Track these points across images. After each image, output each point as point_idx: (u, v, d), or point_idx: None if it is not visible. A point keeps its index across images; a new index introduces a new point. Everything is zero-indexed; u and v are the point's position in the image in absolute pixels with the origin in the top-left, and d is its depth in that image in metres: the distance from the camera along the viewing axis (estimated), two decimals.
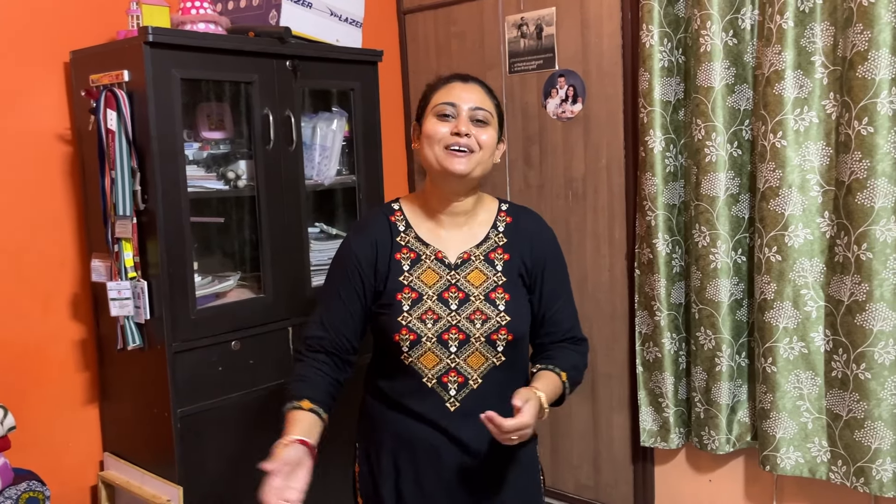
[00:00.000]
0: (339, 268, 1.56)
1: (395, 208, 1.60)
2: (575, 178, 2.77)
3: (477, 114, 1.51)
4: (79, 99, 2.17)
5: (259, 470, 2.18)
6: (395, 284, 1.51)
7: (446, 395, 1.52)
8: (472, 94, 1.52)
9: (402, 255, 1.54)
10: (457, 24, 3.00)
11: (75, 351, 2.29)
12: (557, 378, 1.53)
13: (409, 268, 1.53)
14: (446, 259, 1.54)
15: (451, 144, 1.49)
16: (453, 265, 1.54)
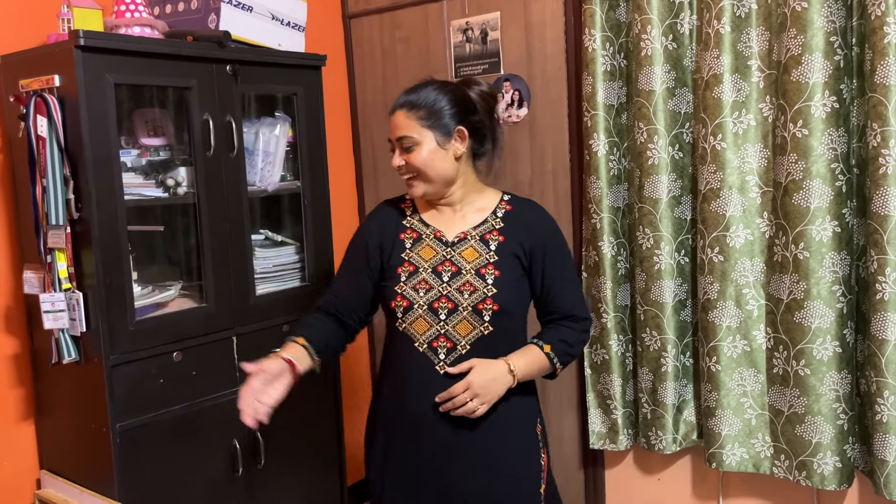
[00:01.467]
0: (352, 246, 1.83)
1: (407, 198, 1.83)
2: (522, 182, 2.78)
3: (403, 143, 1.70)
4: (8, 105, 2.09)
5: (202, 485, 2.15)
6: (397, 260, 1.72)
7: (436, 358, 1.68)
8: (396, 122, 1.71)
9: (406, 234, 1.75)
10: (402, 29, 2.99)
11: (8, 366, 2.20)
12: (539, 350, 1.71)
13: (411, 246, 1.74)
14: (444, 237, 1.74)
15: (402, 176, 1.73)
16: (450, 243, 1.73)
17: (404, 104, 1.71)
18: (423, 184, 1.70)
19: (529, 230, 1.73)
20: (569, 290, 1.76)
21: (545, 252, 1.73)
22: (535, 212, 1.79)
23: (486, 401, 1.63)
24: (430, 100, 1.69)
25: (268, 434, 2.34)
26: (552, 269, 1.73)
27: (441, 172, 1.69)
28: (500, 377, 1.64)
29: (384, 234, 1.76)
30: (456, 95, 1.72)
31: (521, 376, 1.67)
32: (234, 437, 2.27)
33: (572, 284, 1.79)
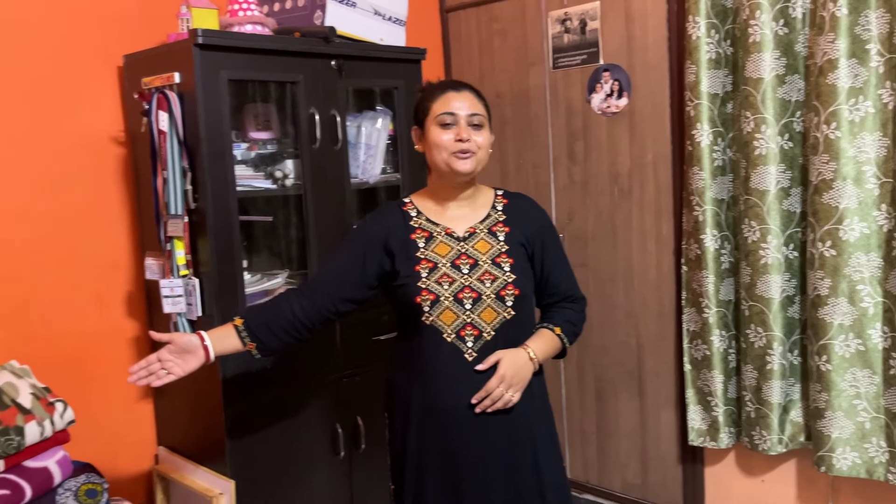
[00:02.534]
0: (352, 240, 1.83)
1: (406, 201, 1.86)
2: (620, 174, 2.74)
3: (473, 119, 1.74)
4: (131, 101, 2.22)
5: (305, 465, 2.23)
6: (413, 259, 1.75)
7: (464, 347, 1.73)
8: (467, 101, 1.75)
9: (416, 234, 1.78)
10: (499, 22, 2.99)
11: (130, 347, 2.35)
12: (551, 332, 1.81)
13: (425, 244, 1.77)
14: (455, 233, 1.78)
15: (456, 150, 1.72)
16: (461, 238, 1.78)
17: (472, 89, 1.80)
18: (476, 162, 1.74)
19: (528, 220, 1.83)
20: (565, 274, 1.88)
21: (543, 239, 1.83)
22: (529, 203, 1.89)
23: (520, 388, 1.73)
24: (485, 101, 1.82)
25: (369, 419, 2.40)
26: (550, 255, 1.84)
27: (486, 158, 1.79)
28: (525, 364, 1.74)
29: (392, 235, 1.77)
30: None
31: (541, 359, 1.78)
32: (337, 420, 2.34)
33: (567, 268, 1.90)
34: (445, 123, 1.73)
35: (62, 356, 2.20)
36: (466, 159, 1.72)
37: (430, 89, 1.80)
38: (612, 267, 2.80)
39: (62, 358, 2.20)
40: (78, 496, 1.94)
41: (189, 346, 1.73)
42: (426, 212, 1.82)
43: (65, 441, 1.97)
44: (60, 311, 2.20)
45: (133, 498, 2.32)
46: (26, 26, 2.11)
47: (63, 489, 1.93)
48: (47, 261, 2.17)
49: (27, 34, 2.11)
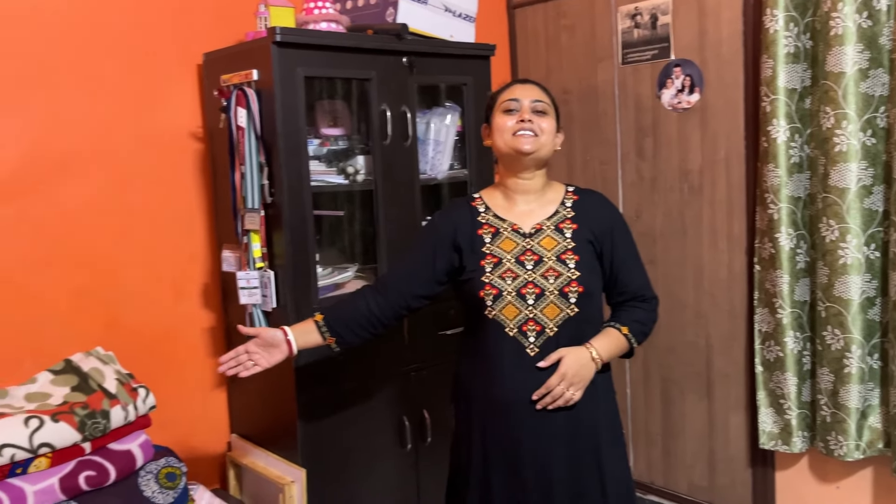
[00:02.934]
0: (422, 237, 1.90)
1: (475, 196, 1.89)
2: (691, 171, 2.69)
3: (537, 105, 1.78)
4: (210, 98, 2.29)
5: (373, 456, 2.26)
6: (479, 255, 1.79)
7: (526, 342, 1.74)
8: (531, 90, 1.80)
9: (483, 230, 1.81)
10: (567, 17, 2.97)
11: (205, 337, 2.42)
12: (617, 332, 1.79)
13: (491, 240, 1.80)
14: (521, 229, 1.80)
15: (517, 130, 1.76)
16: (527, 234, 1.79)
17: (536, 83, 1.84)
18: (538, 144, 1.76)
19: (598, 217, 1.82)
20: (636, 272, 1.85)
21: (613, 236, 1.82)
22: (601, 200, 1.88)
23: (581, 387, 1.73)
24: (551, 95, 1.84)
25: (435, 413, 2.42)
26: (620, 252, 1.82)
27: (549, 149, 1.80)
28: (587, 363, 1.73)
29: (460, 232, 1.82)
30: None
31: (604, 358, 1.76)
32: (404, 413, 2.37)
33: (638, 267, 1.87)
34: (509, 109, 1.78)
35: (142, 344, 2.28)
36: (527, 138, 1.75)
37: (499, 88, 1.86)
38: (681, 265, 2.76)
39: (142, 346, 2.28)
40: (158, 479, 2.01)
41: (273, 340, 1.81)
42: (494, 207, 1.84)
43: (146, 426, 2.05)
44: (142, 301, 2.28)
45: (207, 483, 2.39)
46: (111, 26, 2.19)
47: (145, 471, 2.01)
48: (130, 253, 2.26)
49: (112, 34, 2.20)
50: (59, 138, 2.12)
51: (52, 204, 2.12)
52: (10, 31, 2.03)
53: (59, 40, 2.11)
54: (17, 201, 2.06)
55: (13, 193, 2.06)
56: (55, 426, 1.84)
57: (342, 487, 2.26)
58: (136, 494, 1.95)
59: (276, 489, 2.18)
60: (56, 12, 2.10)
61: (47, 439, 1.82)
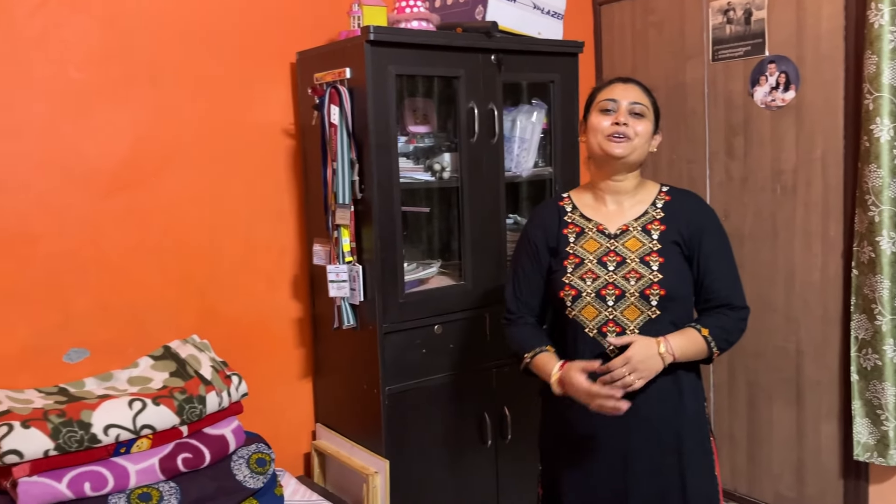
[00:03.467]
0: (521, 252, 1.90)
1: (564, 196, 1.90)
2: (784, 171, 2.61)
3: (634, 107, 1.76)
4: (303, 96, 2.35)
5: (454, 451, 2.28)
6: (563, 254, 1.80)
7: (606, 343, 1.72)
8: (631, 91, 1.78)
9: (568, 230, 1.82)
10: (655, 13, 2.92)
11: (294, 328, 2.49)
12: (697, 333, 1.72)
13: (574, 240, 1.80)
14: (606, 230, 1.79)
15: (611, 133, 1.74)
16: (613, 235, 1.78)
17: (639, 83, 1.81)
18: (631, 148, 1.74)
19: (688, 218, 1.77)
20: (726, 278, 1.78)
21: (702, 238, 1.76)
22: (694, 201, 1.83)
23: (644, 376, 1.65)
24: (653, 95, 1.81)
25: (516, 410, 2.43)
26: (708, 257, 1.76)
27: (642, 152, 1.77)
28: (654, 355, 1.66)
29: (549, 233, 1.84)
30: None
31: (676, 356, 1.68)
32: (485, 410, 2.38)
33: (730, 273, 1.79)
34: (606, 109, 1.76)
35: (235, 333, 2.37)
36: (620, 142, 1.73)
37: (600, 84, 1.83)
38: (772, 268, 2.67)
39: (235, 334, 2.37)
40: (249, 463, 2.08)
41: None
42: (582, 207, 1.84)
43: (239, 412, 2.12)
44: (236, 292, 2.37)
45: (292, 470, 2.46)
46: (212, 27, 2.28)
47: (237, 456, 2.08)
48: (226, 244, 2.34)
49: (213, 34, 2.28)
50: (164, 133, 2.22)
51: (156, 196, 2.22)
52: (121, 32, 2.14)
53: (165, 40, 2.21)
54: (126, 193, 2.17)
55: (122, 185, 2.17)
56: (156, 409, 1.92)
57: (424, 480, 2.29)
58: (229, 477, 2.02)
59: (360, 479, 2.23)
60: (162, 14, 2.20)
61: (149, 421, 1.91)
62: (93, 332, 2.14)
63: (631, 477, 1.74)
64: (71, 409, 1.85)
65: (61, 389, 2.05)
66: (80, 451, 1.82)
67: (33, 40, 2.02)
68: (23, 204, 2.03)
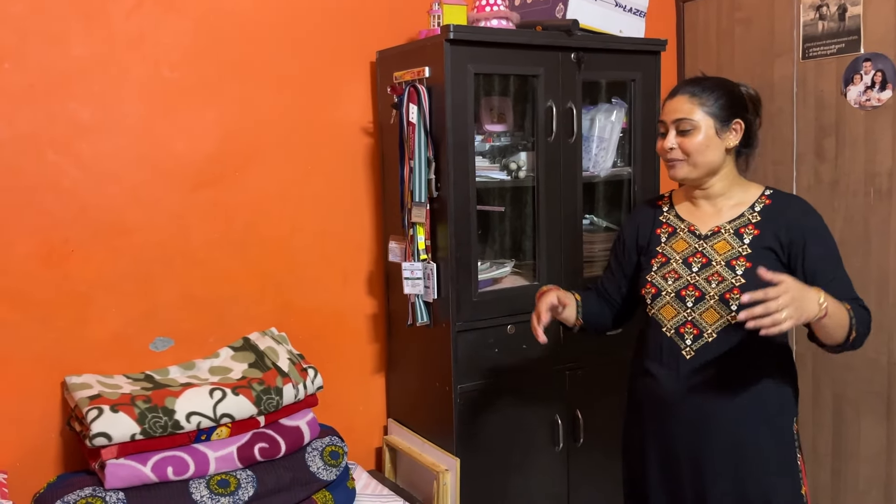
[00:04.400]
0: (614, 246, 1.99)
1: (664, 196, 1.93)
2: (879, 174, 2.48)
3: (680, 125, 1.73)
4: (382, 94, 2.38)
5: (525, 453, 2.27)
6: (653, 253, 1.83)
7: (682, 344, 1.72)
8: (676, 106, 1.74)
9: (661, 230, 1.84)
10: (742, 10, 2.83)
11: (368, 323, 2.53)
12: (840, 304, 1.56)
13: (666, 239, 1.82)
14: (698, 231, 1.78)
15: (666, 159, 1.77)
16: (703, 236, 1.77)
17: (687, 90, 1.75)
18: (688, 167, 1.73)
19: (788, 224, 1.70)
20: (840, 282, 1.65)
21: (805, 245, 1.67)
22: (797, 205, 1.74)
23: (793, 316, 1.41)
24: (715, 89, 1.74)
25: (589, 414, 2.40)
26: (814, 264, 1.66)
27: (709, 159, 1.72)
28: (813, 299, 1.46)
29: (641, 233, 1.88)
30: (734, 91, 1.77)
31: (829, 312, 1.49)
32: (557, 412, 2.36)
33: (839, 278, 1.67)
34: (661, 132, 1.79)
35: (311, 326, 2.42)
36: (674, 167, 1.75)
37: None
38: (864, 275, 2.54)
39: (311, 328, 2.41)
40: (323, 456, 2.12)
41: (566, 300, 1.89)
42: (678, 207, 1.86)
43: (314, 405, 2.16)
44: (313, 286, 2.42)
45: (364, 464, 2.50)
46: (294, 27, 2.33)
47: (311, 448, 2.12)
48: (305, 239, 2.39)
49: (295, 34, 2.33)
50: (248, 131, 2.29)
51: (239, 191, 2.28)
52: (211, 32, 2.21)
53: (251, 40, 2.27)
54: (211, 188, 2.24)
55: (208, 180, 2.24)
56: (236, 399, 1.98)
57: (494, 480, 2.28)
58: (303, 468, 2.06)
59: (430, 475, 2.24)
60: (248, 14, 2.26)
61: (229, 410, 1.97)
62: (177, 321, 2.22)
63: (707, 481, 1.71)
64: (156, 395, 1.93)
65: (147, 376, 2.13)
66: (164, 436, 1.89)
67: (130, 41, 2.11)
68: (118, 198, 2.12)
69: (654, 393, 1.78)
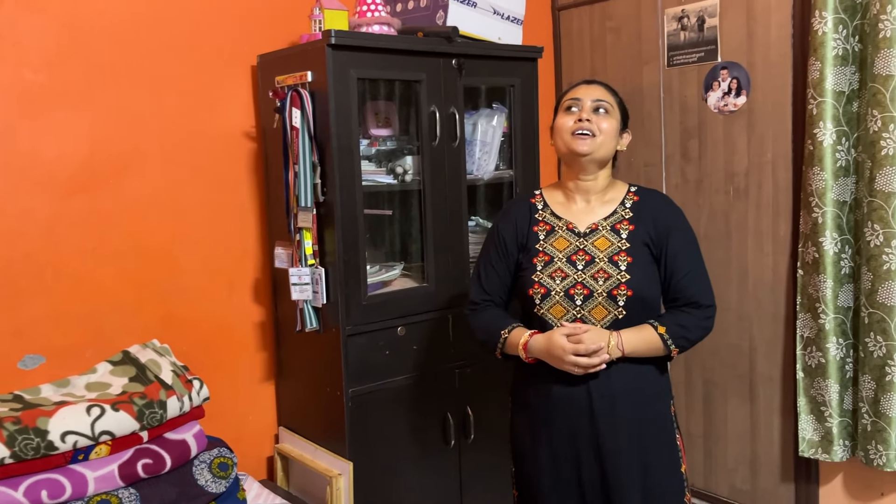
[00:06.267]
0: (491, 245, 1.92)
1: (536, 193, 1.93)
2: (737, 173, 2.69)
3: (598, 104, 1.80)
4: (264, 99, 2.35)
5: (417, 452, 2.29)
6: (533, 251, 1.83)
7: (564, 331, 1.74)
8: (594, 90, 1.82)
9: (538, 227, 1.85)
10: (612, 19, 2.99)
11: (255, 331, 2.48)
12: (653, 330, 1.75)
13: (545, 237, 1.83)
14: (576, 229, 1.82)
15: (575, 130, 1.78)
16: (582, 233, 1.81)
17: (601, 83, 1.86)
18: (596, 145, 1.77)
19: (656, 218, 1.81)
20: (692, 277, 1.81)
21: (668, 237, 1.79)
22: (661, 200, 1.87)
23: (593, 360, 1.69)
24: (618, 95, 1.85)
25: (478, 410, 2.46)
26: (675, 255, 1.79)
27: (608, 150, 1.81)
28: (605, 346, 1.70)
29: (518, 228, 1.87)
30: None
31: (627, 351, 1.73)
32: (448, 410, 2.41)
33: (696, 273, 1.82)
34: (569, 108, 1.81)
35: (196, 337, 2.35)
36: (584, 139, 1.77)
37: (568, 87, 1.88)
38: (726, 268, 2.76)
39: (196, 339, 2.35)
40: (212, 468, 2.07)
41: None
42: (552, 205, 1.87)
43: (200, 416, 2.10)
44: (197, 296, 2.35)
45: (255, 474, 2.45)
46: (172, 28, 2.26)
47: (199, 461, 2.06)
48: (187, 248, 2.33)
49: (173, 36, 2.26)
50: (123, 136, 2.20)
51: (115, 199, 2.19)
52: (79, 33, 2.11)
53: (124, 41, 2.18)
54: (84, 195, 2.14)
55: (80, 188, 2.14)
56: (115, 415, 1.90)
57: (388, 481, 2.30)
58: (190, 483, 2.01)
59: (323, 481, 2.23)
60: (122, 15, 2.17)
61: (108, 427, 1.89)
62: (49, 337, 2.11)
63: (596, 466, 1.79)
64: (26, 416, 1.82)
65: (16, 396, 2.01)
66: (37, 458, 1.79)
67: None
68: None
69: (546, 390, 1.80)
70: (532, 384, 1.85)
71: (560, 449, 1.81)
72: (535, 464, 1.86)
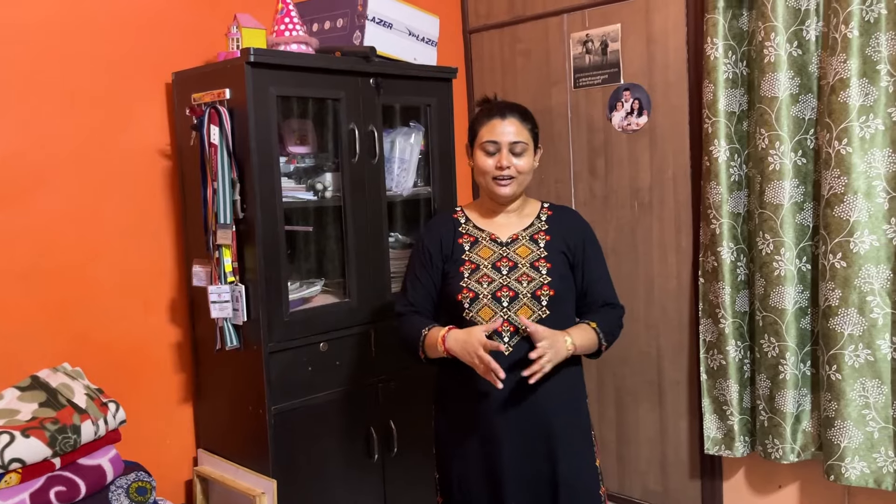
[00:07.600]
0: (417, 259, 2.02)
1: (457, 209, 2.06)
2: (641, 189, 2.85)
3: (515, 147, 1.91)
4: (179, 116, 2.33)
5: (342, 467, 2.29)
6: (459, 261, 1.94)
7: (501, 341, 1.86)
8: (510, 128, 1.91)
9: (463, 239, 1.97)
10: (522, 42, 3.12)
11: (173, 352, 2.43)
12: (588, 327, 1.92)
13: (469, 247, 1.95)
14: (499, 239, 1.96)
15: (496, 175, 1.91)
16: (504, 243, 1.95)
17: (516, 113, 1.93)
18: (516, 185, 1.93)
19: (571, 230, 1.98)
20: (605, 282, 2.02)
21: (585, 248, 1.98)
22: (573, 215, 2.05)
23: (553, 360, 1.80)
24: (530, 116, 1.97)
25: (401, 424, 2.49)
26: (591, 264, 1.98)
27: (527, 181, 1.97)
28: (563, 346, 1.83)
29: (444, 241, 1.98)
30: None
31: (577, 348, 1.87)
32: (371, 424, 2.43)
33: (607, 278, 2.03)
34: (489, 151, 1.92)
35: (111, 359, 2.28)
36: (506, 185, 1.91)
37: (481, 113, 1.97)
38: (633, 279, 2.90)
39: (110, 360, 2.28)
40: (129, 493, 2.02)
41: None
42: (474, 219, 2.01)
43: (116, 440, 2.05)
44: (112, 317, 2.29)
45: (174, 498, 2.39)
46: (87, 43, 2.22)
47: (115, 486, 2.01)
48: (100, 267, 2.26)
49: (87, 50, 2.22)
50: (33, 151, 2.13)
51: (24, 217, 2.12)
52: None
53: (39, 55, 2.12)
54: None
55: None
56: (26, 441, 1.83)
57: (312, 498, 2.29)
58: None
59: (247, 501, 2.20)
60: (36, 27, 2.12)
61: (18, 454, 1.82)
62: None
63: (528, 463, 1.88)
64: None
65: None
66: None
67: None
68: None
69: (474, 392, 1.88)
70: (454, 386, 1.94)
71: (484, 445, 1.89)
72: (463, 462, 1.92)
